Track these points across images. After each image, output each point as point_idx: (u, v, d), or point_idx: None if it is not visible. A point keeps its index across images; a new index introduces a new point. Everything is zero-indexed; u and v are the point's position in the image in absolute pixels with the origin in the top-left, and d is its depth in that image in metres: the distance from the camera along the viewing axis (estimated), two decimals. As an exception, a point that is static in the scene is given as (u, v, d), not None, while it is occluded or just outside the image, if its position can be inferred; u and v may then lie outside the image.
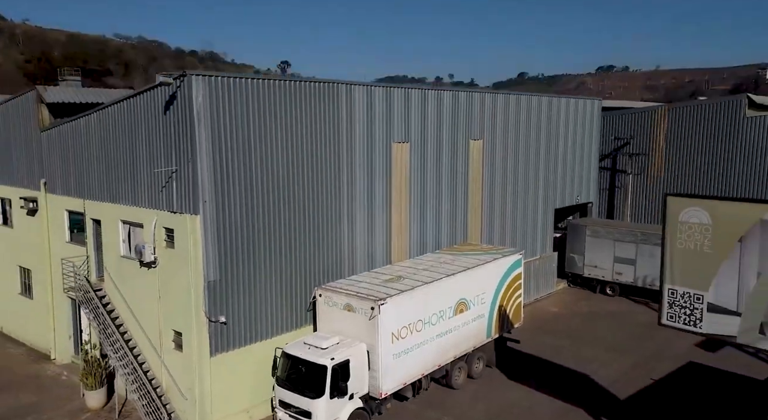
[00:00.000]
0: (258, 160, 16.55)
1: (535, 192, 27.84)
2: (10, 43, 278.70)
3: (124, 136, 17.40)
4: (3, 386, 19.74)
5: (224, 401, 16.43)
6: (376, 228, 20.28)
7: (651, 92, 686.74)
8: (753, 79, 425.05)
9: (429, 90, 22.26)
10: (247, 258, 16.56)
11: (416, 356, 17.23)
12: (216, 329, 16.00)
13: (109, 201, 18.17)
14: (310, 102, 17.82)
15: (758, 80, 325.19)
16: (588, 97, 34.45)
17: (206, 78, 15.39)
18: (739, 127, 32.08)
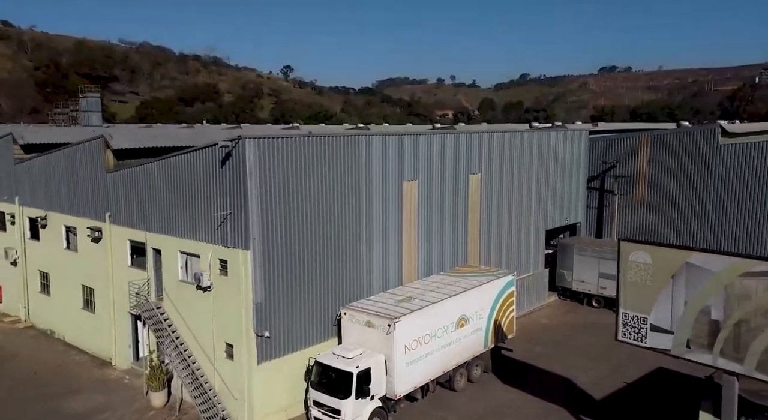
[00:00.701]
0: (295, 203, 20.20)
1: (527, 215, 31.42)
2: (18, 50, 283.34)
3: (184, 181, 21.06)
4: (76, 388, 23.43)
5: (267, 401, 20.05)
6: (390, 254, 23.90)
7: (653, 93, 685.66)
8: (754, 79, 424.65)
9: (434, 134, 25.91)
10: (286, 284, 20.20)
11: (424, 364, 20.83)
12: (261, 342, 19.63)
13: (170, 234, 21.85)
14: (336, 151, 21.47)
15: (760, 80, 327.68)
16: (576, 128, 38.02)
17: (256, 140, 19.01)
18: (713, 153, 35.61)
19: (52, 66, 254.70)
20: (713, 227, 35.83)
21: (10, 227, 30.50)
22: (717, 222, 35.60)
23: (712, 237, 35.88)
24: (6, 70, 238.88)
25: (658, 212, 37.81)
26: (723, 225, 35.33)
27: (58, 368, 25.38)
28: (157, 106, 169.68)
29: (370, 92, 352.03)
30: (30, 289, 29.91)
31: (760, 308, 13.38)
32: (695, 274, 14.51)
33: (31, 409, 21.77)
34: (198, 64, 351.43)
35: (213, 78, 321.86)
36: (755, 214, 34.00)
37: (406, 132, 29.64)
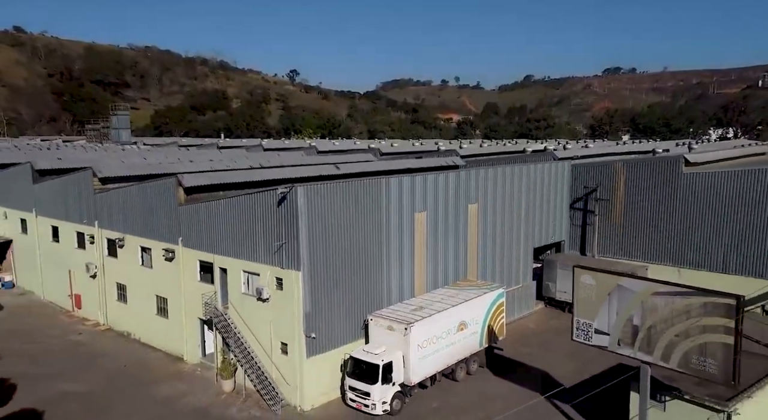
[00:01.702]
0: (333, 233, 26.43)
1: (518, 236, 37.60)
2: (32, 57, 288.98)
3: (247, 216, 27.30)
4: (159, 378, 29.74)
5: (313, 387, 26.30)
6: (404, 272, 30.13)
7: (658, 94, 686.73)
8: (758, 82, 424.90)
9: (440, 174, 32.09)
10: (327, 296, 26.44)
11: (433, 359, 27.03)
12: (309, 341, 25.88)
13: (234, 257, 28.13)
14: (363, 192, 27.70)
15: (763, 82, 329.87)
16: (559, 159, 44.20)
17: (305, 188, 25.27)
18: (677, 180, 41.78)
19: (65, 72, 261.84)
20: (678, 243, 41.97)
21: (90, 246, 36.85)
22: (681, 239, 41.74)
23: (677, 251, 42.05)
24: (22, 77, 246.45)
25: (633, 230, 43.97)
26: (686, 241, 41.49)
27: (141, 363, 31.72)
28: (170, 115, 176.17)
29: (375, 96, 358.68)
30: (108, 297, 36.26)
31: (662, 317, 19.53)
32: (623, 293, 20.69)
33: (129, 394, 28.10)
34: (206, 68, 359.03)
35: (221, 83, 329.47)
36: (712, 232, 40.19)
37: (418, 166, 35.88)
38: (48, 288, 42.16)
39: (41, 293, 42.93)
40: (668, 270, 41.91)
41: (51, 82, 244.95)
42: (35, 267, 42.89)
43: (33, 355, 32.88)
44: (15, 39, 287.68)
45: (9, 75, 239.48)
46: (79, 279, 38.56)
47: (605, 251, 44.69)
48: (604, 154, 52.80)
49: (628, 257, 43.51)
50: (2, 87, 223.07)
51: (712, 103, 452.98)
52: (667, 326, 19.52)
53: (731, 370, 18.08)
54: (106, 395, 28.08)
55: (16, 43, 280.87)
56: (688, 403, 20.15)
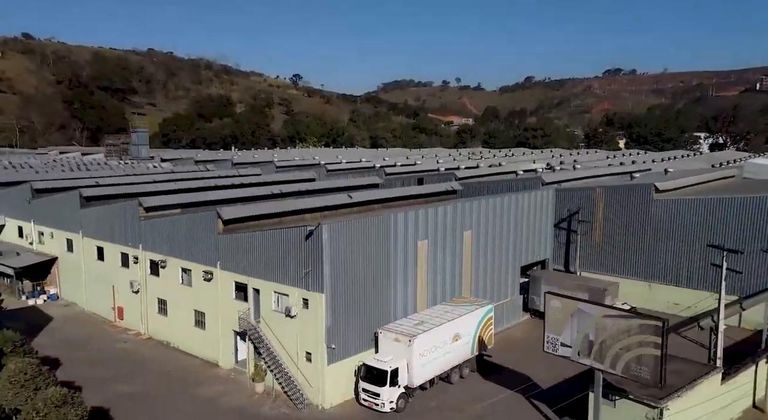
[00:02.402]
0: (350, 261, 31.88)
1: (506, 256, 43.05)
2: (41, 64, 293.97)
3: (279, 246, 32.67)
4: (199, 381, 35.20)
5: (333, 388, 31.74)
6: (408, 291, 35.57)
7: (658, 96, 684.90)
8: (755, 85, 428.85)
9: (439, 206, 37.52)
10: (344, 314, 31.89)
11: (431, 365, 32.48)
12: (329, 351, 31.32)
13: (266, 279, 33.57)
14: (376, 226, 33.14)
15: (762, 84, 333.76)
16: (546, 183, 49.67)
17: (329, 225, 30.68)
18: (649, 205, 47.28)
19: (74, 79, 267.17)
20: (649, 261, 47.55)
21: (133, 265, 42.32)
22: (652, 257, 47.33)
23: (648, 268, 47.62)
24: (32, 85, 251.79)
25: (611, 248, 49.55)
26: (656, 259, 47.05)
27: (182, 368, 37.20)
28: (178, 123, 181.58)
29: (376, 100, 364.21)
30: (149, 310, 41.73)
31: (610, 335, 24.96)
32: (582, 315, 26.14)
33: (176, 394, 33.59)
34: (210, 73, 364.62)
35: (225, 87, 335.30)
36: (678, 252, 45.70)
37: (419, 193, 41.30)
38: (91, 301, 47.61)
39: (84, 305, 48.37)
40: (640, 284, 47.63)
41: (60, 90, 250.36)
42: (79, 282, 48.36)
43: (89, 361, 38.29)
44: (24, 46, 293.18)
45: (20, 83, 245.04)
46: (122, 293, 44.02)
47: (587, 266, 50.21)
48: (590, 177, 58.10)
49: (607, 272, 49.09)
50: (13, 95, 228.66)
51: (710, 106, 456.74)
52: (614, 341, 24.98)
53: (659, 376, 23.58)
54: (157, 395, 33.56)
55: (26, 51, 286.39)
56: (632, 402, 25.59)
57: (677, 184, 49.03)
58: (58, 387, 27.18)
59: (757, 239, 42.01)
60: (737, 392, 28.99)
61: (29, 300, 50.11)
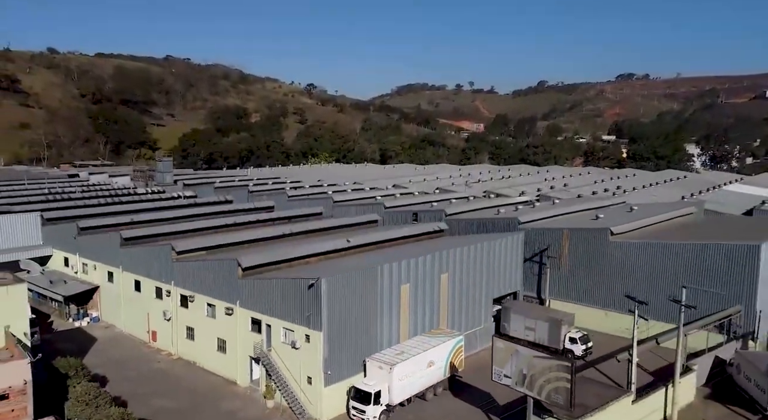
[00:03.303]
0: (345, 304, 39.83)
1: (479, 291, 50.77)
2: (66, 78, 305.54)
3: (286, 292, 40.72)
4: (221, 397, 43.36)
5: (328, 406, 39.72)
6: (393, 326, 43.42)
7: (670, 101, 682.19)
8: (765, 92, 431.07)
9: (420, 256, 45.32)
10: (339, 346, 39.84)
11: (409, 387, 40.30)
12: (326, 376, 39.31)
13: (277, 317, 41.59)
14: (367, 276, 41.06)
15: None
16: (521, 223, 57.30)
17: (328, 279, 38.63)
18: (605, 246, 54.71)
19: (97, 93, 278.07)
20: (606, 292, 54.97)
21: (166, 298, 50.66)
22: (608, 289, 54.74)
23: (605, 298, 55.02)
24: (57, 99, 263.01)
25: (574, 281, 57.08)
26: (611, 291, 54.45)
27: (207, 385, 45.41)
28: (197, 138, 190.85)
29: (388, 108, 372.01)
30: (179, 336, 50.04)
31: (538, 370, 32.65)
32: (518, 355, 33.86)
33: (204, 408, 41.74)
34: (227, 83, 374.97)
35: (242, 98, 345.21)
36: (629, 285, 53.10)
37: (409, 234, 49.14)
38: (128, 324, 56.06)
39: (122, 327, 56.83)
40: (599, 312, 55.13)
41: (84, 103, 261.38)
42: (118, 308, 56.87)
43: (131, 379, 46.62)
44: (49, 61, 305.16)
45: (46, 97, 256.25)
46: (155, 320, 52.39)
47: (555, 295, 57.81)
48: (563, 214, 65.51)
49: (571, 300, 56.67)
50: (40, 109, 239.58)
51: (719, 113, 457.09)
52: (540, 375, 32.74)
53: (569, 402, 31.28)
54: (188, 408, 41.77)
55: (51, 65, 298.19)
56: (555, 419, 33.33)
57: (632, 227, 56.36)
58: (114, 406, 35.47)
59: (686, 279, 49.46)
60: (647, 410, 36.51)
61: (75, 322, 58.74)
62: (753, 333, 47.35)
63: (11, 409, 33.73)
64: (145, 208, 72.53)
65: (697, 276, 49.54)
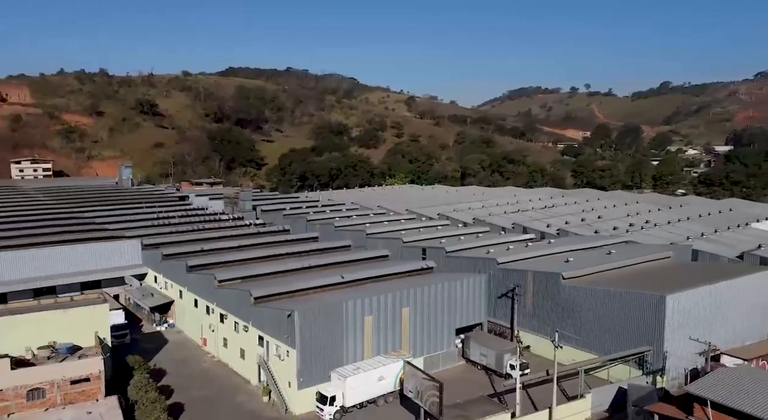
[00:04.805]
0: (316, 329, 54.75)
1: (441, 322, 63.28)
2: (195, 100, 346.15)
3: (276, 318, 56.42)
4: (238, 391, 59.96)
5: (302, 404, 54.81)
6: (357, 347, 57.59)
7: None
8: None
9: (381, 294, 59.05)
10: (311, 360, 54.83)
11: (360, 395, 54.29)
12: (299, 382, 54.49)
13: (270, 336, 57.45)
14: (334, 310, 55.72)
15: None
16: (499, 264, 68.87)
17: (300, 311, 53.85)
18: (559, 288, 64.84)
19: (218, 112, 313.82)
20: (560, 327, 64.90)
21: (212, 314, 68.54)
22: (561, 324, 64.73)
23: (559, 334, 64.96)
24: (187, 119, 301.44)
25: (537, 315, 67.64)
26: (563, 328, 64.36)
27: (231, 382, 62.37)
28: (294, 158, 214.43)
29: (484, 120, 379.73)
30: (219, 343, 67.72)
31: (424, 388, 45.50)
32: (415, 376, 46.94)
33: (224, 398, 58.59)
34: (332, 98, 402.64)
35: (345, 113, 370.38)
36: (576, 323, 62.91)
37: (398, 271, 63.17)
38: (190, 331, 74.93)
39: (187, 333, 75.82)
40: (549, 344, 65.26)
41: (208, 122, 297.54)
42: (185, 318, 76.03)
43: (182, 374, 64.74)
44: (183, 84, 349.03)
45: (178, 118, 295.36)
46: (205, 330, 70.55)
47: (522, 326, 68.73)
48: (541, 255, 75.51)
49: (534, 332, 67.43)
50: (172, 130, 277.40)
51: None
52: (425, 391, 45.70)
53: (439, 411, 43.96)
54: (213, 398, 58.83)
55: (184, 88, 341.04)
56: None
57: (583, 272, 65.70)
58: (156, 392, 53.02)
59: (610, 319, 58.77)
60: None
61: (157, 327, 78.88)
62: (662, 370, 55.70)
63: (90, 388, 52.52)
64: (216, 236, 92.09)
65: (618, 318, 58.80)
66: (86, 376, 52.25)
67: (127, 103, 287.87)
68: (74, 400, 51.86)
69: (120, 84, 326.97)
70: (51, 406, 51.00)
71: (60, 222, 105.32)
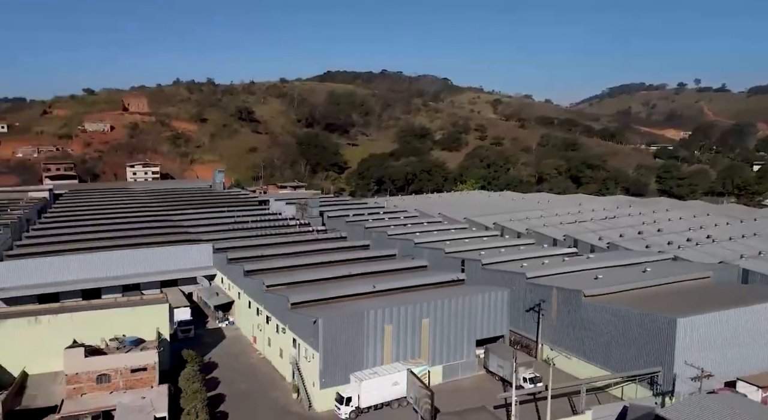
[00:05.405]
0: (338, 334, 60.67)
1: (461, 332, 67.01)
2: (289, 106, 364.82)
3: (305, 323, 62.97)
4: (274, 387, 67.19)
5: (323, 402, 60.92)
6: (377, 353, 62.81)
7: None
8: None
9: (401, 305, 63.85)
10: (333, 363, 60.84)
11: (374, 397, 59.55)
12: (322, 382, 60.65)
13: (302, 339, 64.12)
14: (355, 318, 61.38)
15: None
16: (498, 288, 71.51)
17: (324, 319, 59.99)
18: (579, 305, 66.46)
19: (309, 118, 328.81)
20: (580, 345, 66.66)
21: (260, 315, 76.44)
22: (581, 342, 66.38)
23: (579, 348, 66.69)
24: (280, 125, 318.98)
25: (560, 330, 69.51)
26: (583, 344, 65.99)
27: (270, 378, 69.79)
28: (372, 163, 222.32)
29: (571, 123, 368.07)
30: (264, 342, 75.50)
31: (421, 395, 49.97)
32: (416, 385, 51.47)
33: (262, 393, 66.02)
34: (419, 101, 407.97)
35: (430, 116, 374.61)
36: (593, 341, 64.42)
37: (426, 282, 67.94)
38: (245, 330, 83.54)
39: (243, 331, 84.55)
40: (573, 360, 67.18)
41: (298, 128, 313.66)
42: (241, 317, 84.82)
43: (231, 368, 73.07)
44: (279, 91, 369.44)
45: (272, 124, 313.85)
46: (255, 329, 78.69)
47: (546, 340, 70.87)
48: (571, 271, 76.72)
49: (556, 346, 69.44)
50: (266, 135, 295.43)
51: None
52: (421, 398, 50.17)
53: (431, 418, 48.31)
54: (252, 392, 66.43)
55: (280, 95, 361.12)
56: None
57: (605, 291, 66.60)
58: (200, 384, 61.18)
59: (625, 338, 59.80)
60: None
61: (219, 323, 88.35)
62: (671, 391, 56.19)
63: (147, 377, 61.67)
64: (277, 242, 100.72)
65: (632, 338, 59.75)
66: (143, 366, 61.38)
67: (228, 111, 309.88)
68: (133, 385, 61.13)
69: (223, 92, 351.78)
70: (115, 390, 60.52)
71: (152, 224, 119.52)
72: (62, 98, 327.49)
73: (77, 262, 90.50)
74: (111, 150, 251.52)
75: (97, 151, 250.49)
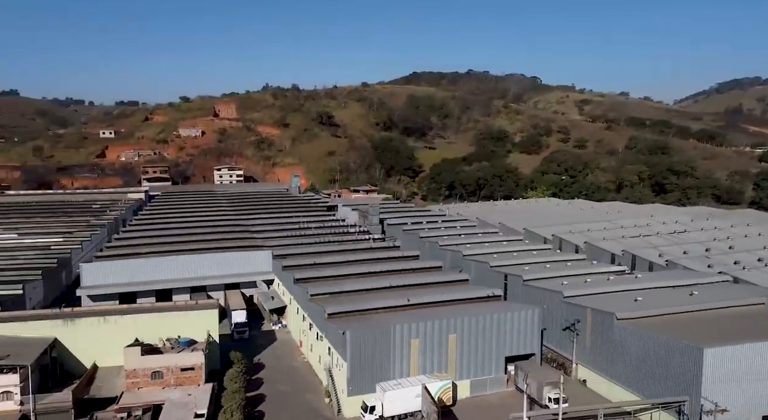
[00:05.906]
0: (365, 346, 63.90)
1: (489, 349, 68.06)
2: (369, 110, 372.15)
3: (336, 334, 66.68)
4: (308, 390, 71.41)
5: (351, 409, 64.33)
6: (403, 365, 65.34)
7: None
8: None
9: (428, 321, 65.94)
10: (360, 372, 64.12)
11: (397, 408, 62.16)
12: (349, 390, 64.05)
13: (334, 348, 67.83)
14: (382, 331, 64.36)
15: None
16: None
17: (351, 331, 63.41)
18: (612, 327, 65.50)
19: (387, 121, 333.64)
20: (611, 367, 65.85)
21: (305, 321, 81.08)
22: (613, 364, 65.54)
23: (609, 369, 65.83)
24: (359, 128, 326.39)
25: (593, 350, 68.84)
26: (615, 366, 65.14)
27: (308, 382, 74.12)
28: (444, 167, 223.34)
29: (665, 124, 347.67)
30: (308, 347, 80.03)
31: (428, 405, 52.03)
32: (425, 398, 53.60)
33: (299, 395, 70.46)
34: (500, 103, 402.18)
35: (510, 118, 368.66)
36: (623, 364, 63.58)
37: (460, 297, 69.91)
38: (294, 333, 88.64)
39: (293, 334, 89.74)
40: (604, 380, 66.51)
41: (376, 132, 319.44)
42: (291, 321, 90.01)
43: (276, 369, 78.17)
44: (360, 94, 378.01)
45: (351, 127, 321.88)
46: (301, 334, 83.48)
47: (581, 360, 70.43)
48: (611, 291, 75.15)
49: (589, 367, 68.89)
50: (345, 138, 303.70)
51: None
52: (431, 414, 52.28)
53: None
54: (290, 393, 71.00)
55: (360, 98, 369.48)
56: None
57: (640, 314, 65.02)
58: (239, 383, 66.46)
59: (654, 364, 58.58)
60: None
61: (273, 326, 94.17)
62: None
63: (194, 375, 67.79)
64: (333, 250, 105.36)
65: (661, 364, 58.40)
66: (191, 366, 67.61)
67: (309, 115, 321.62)
68: (183, 383, 67.48)
69: (306, 98, 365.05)
70: (166, 386, 67.09)
71: (224, 228, 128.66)
72: (162, 105, 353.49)
73: (152, 265, 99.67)
74: (201, 154, 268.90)
75: (189, 154, 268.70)
